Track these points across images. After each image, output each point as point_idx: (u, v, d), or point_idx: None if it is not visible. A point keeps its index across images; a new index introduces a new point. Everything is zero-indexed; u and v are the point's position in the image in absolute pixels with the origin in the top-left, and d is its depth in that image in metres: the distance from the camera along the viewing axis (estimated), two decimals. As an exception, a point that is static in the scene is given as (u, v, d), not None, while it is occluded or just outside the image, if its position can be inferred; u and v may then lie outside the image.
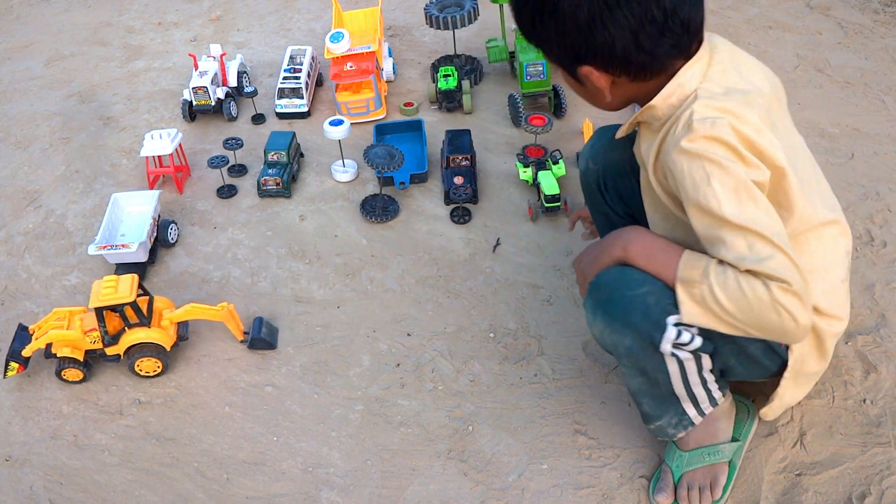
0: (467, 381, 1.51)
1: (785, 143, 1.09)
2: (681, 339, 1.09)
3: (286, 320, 1.67)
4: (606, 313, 1.13)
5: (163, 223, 1.86)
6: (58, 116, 2.39)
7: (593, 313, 1.15)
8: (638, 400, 1.26)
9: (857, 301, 1.57)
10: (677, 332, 1.08)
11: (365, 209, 1.91)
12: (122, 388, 1.55)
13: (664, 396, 1.22)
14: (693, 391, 1.21)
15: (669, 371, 1.16)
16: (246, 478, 1.38)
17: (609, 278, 1.14)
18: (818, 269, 1.16)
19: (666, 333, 1.08)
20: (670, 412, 1.24)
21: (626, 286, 1.11)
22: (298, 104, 2.25)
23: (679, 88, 1.07)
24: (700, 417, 1.25)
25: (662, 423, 1.26)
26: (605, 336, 1.15)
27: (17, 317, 1.72)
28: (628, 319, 1.10)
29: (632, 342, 1.12)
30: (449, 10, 2.22)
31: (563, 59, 1.11)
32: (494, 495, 1.32)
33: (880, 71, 2.27)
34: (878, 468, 1.29)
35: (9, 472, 1.42)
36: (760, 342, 1.16)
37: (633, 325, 1.10)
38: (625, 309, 1.10)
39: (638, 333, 1.10)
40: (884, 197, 1.82)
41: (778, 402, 1.25)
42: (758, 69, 1.16)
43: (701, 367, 1.17)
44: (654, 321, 1.08)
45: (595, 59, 1.07)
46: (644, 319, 1.09)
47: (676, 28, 1.03)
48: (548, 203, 1.82)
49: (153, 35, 2.82)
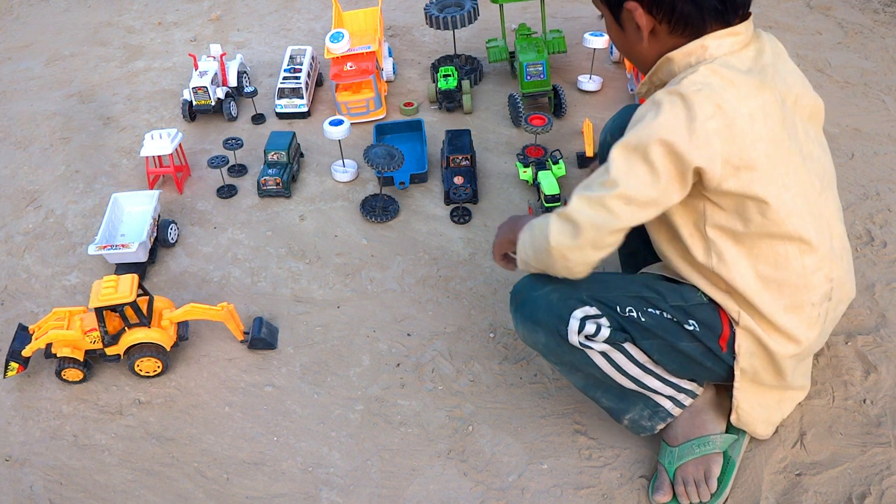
0: (467, 381, 1.51)
1: (793, 148, 1.09)
2: (586, 331, 1.15)
3: (286, 320, 1.67)
4: (521, 314, 1.22)
5: (163, 223, 1.86)
6: (58, 116, 2.39)
7: (514, 318, 1.25)
8: (593, 397, 1.29)
9: (857, 301, 1.57)
10: (580, 324, 1.15)
11: (365, 209, 1.91)
12: (122, 388, 1.55)
13: (619, 389, 1.23)
14: (647, 384, 1.21)
15: (598, 364, 1.19)
16: (246, 478, 1.38)
17: (521, 284, 1.24)
18: (789, 285, 1.14)
19: (569, 326, 1.15)
20: (638, 404, 1.25)
21: (533, 288, 1.22)
22: (298, 104, 2.25)
23: (701, 50, 1.08)
24: (678, 409, 1.25)
25: (633, 416, 1.27)
26: (526, 336, 1.24)
27: (17, 317, 1.72)
28: (536, 317, 1.19)
29: (546, 338, 1.19)
30: (449, 10, 2.22)
31: None
32: (494, 495, 1.32)
33: (880, 71, 2.27)
34: (878, 468, 1.29)
35: (9, 472, 1.42)
36: (692, 340, 1.17)
37: (540, 321, 1.19)
38: (533, 308, 1.20)
39: (546, 328, 1.18)
40: (884, 197, 1.82)
41: (739, 411, 1.24)
42: (798, 75, 1.16)
43: (633, 358, 1.19)
44: (556, 315, 1.17)
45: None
46: (548, 315, 1.18)
47: None
48: (548, 203, 1.82)
49: (153, 35, 2.82)
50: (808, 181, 1.13)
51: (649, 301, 1.17)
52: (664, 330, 1.17)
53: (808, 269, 1.13)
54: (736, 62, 1.06)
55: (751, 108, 1.04)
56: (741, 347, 1.18)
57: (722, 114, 1.01)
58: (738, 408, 1.24)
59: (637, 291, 1.19)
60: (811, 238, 1.12)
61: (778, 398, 1.27)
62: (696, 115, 1.01)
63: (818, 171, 1.18)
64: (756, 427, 1.27)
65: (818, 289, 1.16)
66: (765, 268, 1.13)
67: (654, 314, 1.17)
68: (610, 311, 1.16)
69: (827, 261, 1.15)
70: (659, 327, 1.17)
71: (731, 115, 1.02)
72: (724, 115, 1.02)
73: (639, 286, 1.20)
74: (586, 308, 1.16)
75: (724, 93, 1.02)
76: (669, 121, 1.02)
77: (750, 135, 1.04)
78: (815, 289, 1.15)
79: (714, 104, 1.01)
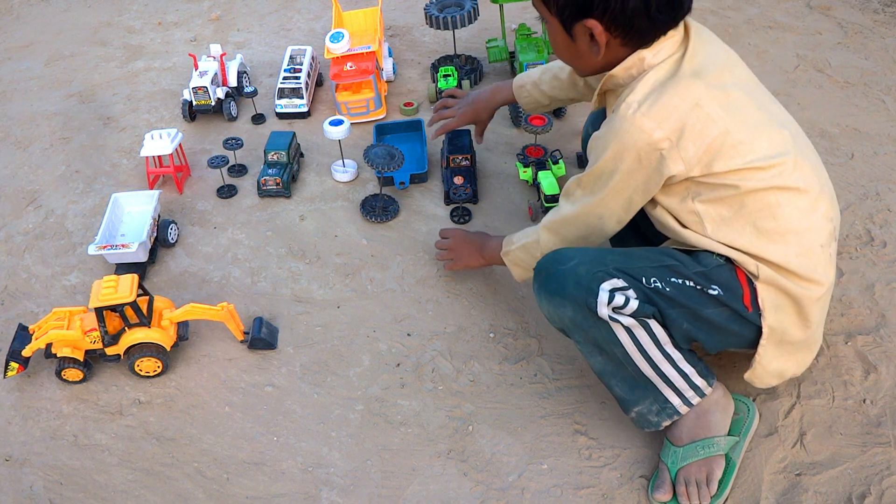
0: (467, 381, 1.51)
1: (739, 103, 1.15)
2: (615, 303, 1.15)
3: (286, 320, 1.67)
4: (547, 290, 1.23)
5: (163, 223, 1.86)
6: (58, 116, 2.39)
7: (538, 294, 1.26)
8: (607, 383, 1.28)
9: (857, 301, 1.57)
10: (609, 296, 1.15)
11: (365, 209, 1.91)
12: (122, 388, 1.56)
13: (633, 377, 1.23)
14: (663, 370, 1.21)
15: (622, 342, 1.19)
16: (246, 478, 1.38)
17: (545, 261, 1.26)
18: (791, 231, 1.17)
19: (599, 297, 1.16)
20: (648, 397, 1.25)
21: (558, 262, 1.23)
22: (298, 104, 2.25)
23: (639, 62, 1.16)
24: (686, 407, 1.25)
25: (642, 409, 1.27)
26: (552, 311, 1.25)
27: (17, 317, 1.72)
28: (564, 291, 1.20)
29: (573, 311, 1.20)
30: (449, 10, 2.21)
31: (568, 10, 1.15)
32: (494, 495, 1.32)
33: (880, 71, 2.27)
34: (878, 468, 1.29)
35: (9, 472, 1.42)
36: (717, 305, 1.19)
37: (568, 295, 1.19)
38: (560, 282, 1.21)
39: (575, 302, 1.19)
40: (884, 197, 1.82)
41: (760, 366, 1.25)
42: (725, 51, 1.23)
43: (656, 339, 1.19)
44: (585, 287, 1.17)
45: (604, 14, 1.12)
46: (577, 288, 1.18)
47: (679, 2, 1.12)
48: (548, 203, 1.82)
49: (153, 35, 2.82)
50: (777, 135, 1.18)
51: (672, 269, 1.19)
52: (689, 298, 1.18)
53: (805, 211, 1.18)
54: (664, 70, 1.15)
55: (693, 99, 1.11)
56: (765, 302, 1.19)
57: (668, 123, 1.11)
58: (758, 363, 1.25)
59: (659, 261, 1.20)
60: (797, 184, 1.17)
61: (797, 361, 1.29)
62: (650, 136, 1.12)
63: (783, 119, 1.24)
64: (768, 380, 1.28)
65: (822, 230, 1.20)
66: (763, 222, 1.17)
67: (677, 283, 1.18)
68: (636, 282, 1.17)
69: (821, 200, 1.20)
70: (683, 296, 1.18)
71: (677, 118, 1.11)
72: (671, 123, 1.11)
73: (660, 255, 1.21)
74: (614, 280, 1.17)
75: (666, 99, 1.11)
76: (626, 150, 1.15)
77: (699, 124, 1.11)
78: (818, 230, 1.20)
79: (657, 118, 1.11)
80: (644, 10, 1.10)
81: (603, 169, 1.20)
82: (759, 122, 1.17)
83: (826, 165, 1.91)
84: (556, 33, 1.22)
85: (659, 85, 1.13)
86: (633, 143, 1.14)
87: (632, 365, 1.22)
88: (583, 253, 1.22)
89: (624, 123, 1.13)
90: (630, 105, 1.13)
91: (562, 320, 1.24)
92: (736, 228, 1.18)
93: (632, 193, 1.21)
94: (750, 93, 1.20)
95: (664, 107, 1.11)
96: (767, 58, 2.36)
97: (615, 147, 1.16)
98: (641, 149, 1.14)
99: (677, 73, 1.14)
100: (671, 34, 1.16)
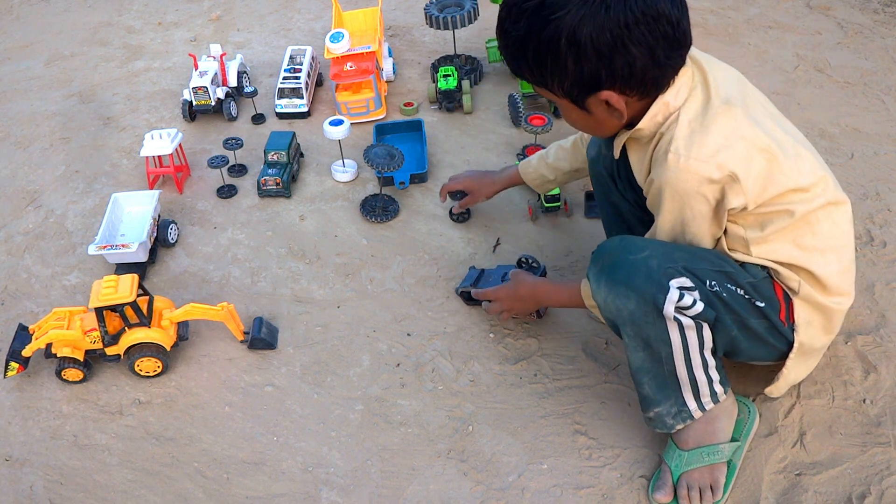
0: (467, 381, 1.51)
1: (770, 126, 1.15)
2: (683, 302, 1.12)
3: (286, 320, 1.67)
4: (610, 278, 1.17)
5: (163, 223, 1.86)
6: (58, 116, 2.39)
7: (597, 280, 1.19)
8: (639, 380, 1.25)
9: (857, 301, 1.57)
10: (679, 294, 1.12)
11: (365, 209, 1.91)
12: (122, 388, 1.55)
13: (666, 377, 1.22)
14: (695, 374, 1.21)
15: (672, 341, 1.17)
16: (246, 478, 1.38)
17: (612, 245, 1.20)
18: (832, 249, 1.19)
19: (669, 294, 1.12)
20: (671, 399, 1.24)
21: (628, 251, 1.16)
22: (298, 104, 2.25)
23: (664, 107, 1.14)
24: (700, 412, 1.25)
25: (661, 411, 1.26)
26: (610, 301, 1.18)
27: (17, 317, 1.72)
28: (632, 282, 1.14)
29: (636, 306, 1.15)
30: (449, 10, 2.22)
31: (576, 90, 1.13)
32: (494, 495, 1.32)
33: (880, 71, 2.27)
34: (878, 468, 1.29)
35: (9, 472, 1.42)
36: (760, 317, 1.19)
37: (636, 287, 1.14)
38: (628, 272, 1.15)
39: (641, 296, 1.14)
40: (884, 197, 1.82)
41: (783, 380, 1.27)
42: (732, 75, 1.21)
43: (702, 342, 1.18)
44: (656, 282, 1.13)
45: (615, 83, 1.09)
46: (647, 281, 1.13)
47: (682, 39, 1.09)
48: (548, 203, 1.82)
49: (153, 35, 2.82)
50: (806, 153, 1.19)
51: (729, 276, 1.18)
52: (741, 306, 1.18)
53: (841, 224, 1.20)
54: (695, 106, 1.13)
55: (737, 132, 1.10)
56: (800, 318, 1.20)
57: (722, 161, 1.09)
58: (783, 377, 1.26)
59: (720, 266, 1.18)
60: (837, 198, 1.19)
61: (809, 367, 1.31)
62: (710, 177, 1.10)
63: (797, 133, 1.24)
64: (784, 390, 1.30)
65: (853, 243, 1.23)
66: (803, 239, 1.17)
67: (731, 290, 1.17)
68: (701, 283, 1.15)
69: (849, 211, 1.22)
70: (736, 304, 1.17)
71: (729, 154, 1.09)
72: (724, 160, 1.09)
73: (719, 259, 1.19)
74: (682, 279, 1.14)
75: (712, 138, 1.09)
76: (690, 197, 1.13)
77: (750, 155, 1.10)
78: (852, 244, 1.23)
79: (709, 159, 1.09)
80: (652, 63, 1.07)
81: (674, 221, 1.17)
82: (790, 142, 1.17)
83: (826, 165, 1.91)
84: (569, 111, 1.19)
85: (697, 124, 1.10)
86: (695, 189, 1.11)
87: (670, 365, 1.20)
88: (653, 245, 1.17)
89: (679, 174, 1.10)
90: (678, 154, 1.09)
91: (619, 311, 1.18)
92: (777, 247, 1.18)
93: (710, 228, 1.17)
94: (772, 114, 1.20)
95: (713, 146, 1.09)
96: (767, 58, 2.36)
97: (678, 197, 1.13)
98: (705, 191, 1.11)
99: (709, 105, 1.11)
100: (683, 71, 1.14)
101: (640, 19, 1.03)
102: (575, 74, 1.09)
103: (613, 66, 1.07)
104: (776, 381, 1.28)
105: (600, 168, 1.50)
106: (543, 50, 1.08)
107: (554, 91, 1.15)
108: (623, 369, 1.49)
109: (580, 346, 1.54)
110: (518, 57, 1.13)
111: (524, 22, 1.08)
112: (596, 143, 1.49)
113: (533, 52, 1.10)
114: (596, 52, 1.06)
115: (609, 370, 1.49)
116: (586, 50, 1.06)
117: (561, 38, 1.06)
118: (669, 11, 1.05)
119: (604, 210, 1.57)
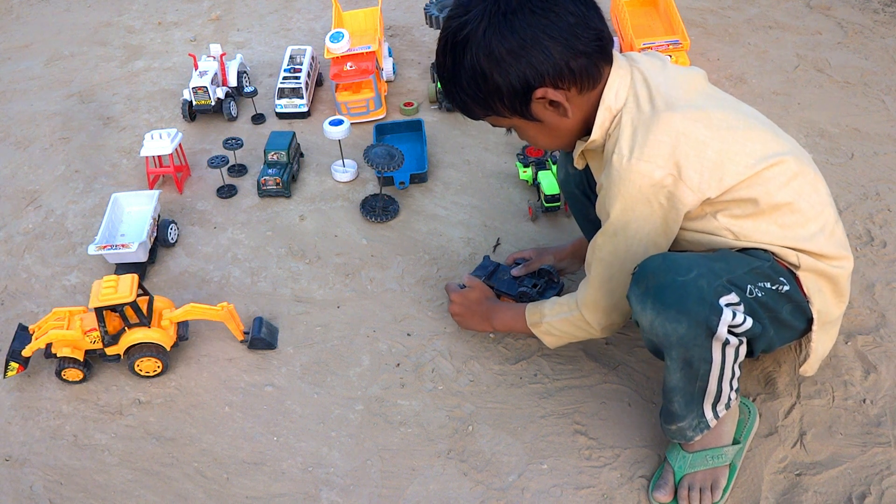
0: (467, 381, 1.51)
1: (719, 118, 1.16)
2: (735, 321, 1.10)
3: (286, 320, 1.67)
4: (661, 301, 1.10)
5: (163, 223, 1.86)
6: (58, 116, 2.39)
7: (642, 303, 1.12)
8: (670, 398, 1.22)
9: (857, 301, 1.57)
10: (732, 314, 1.09)
11: (365, 209, 1.91)
12: (122, 388, 1.55)
13: (695, 393, 1.19)
14: (723, 386, 1.19)
15: (714, 359, 1.14)
16: (246, 478, 1.38)
17: (655, 265, 1.13)
18: (810, 220, 1.19)
19: (723, 316, 1.08)
20: (693, 412, 1.22)
21: (675, 271, 1.10)
22: (298, 104, 2.25)
23: (608, 113, 1.16)
24: (715, 420, 1.24)
25: (684, 425, 1.24)
26: (657, 325, 1.11)
27: (17, 317, 1.72)
28: (684, 305, 1.08)
29: (688, 329, 1.09)
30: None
31: (516, 101, 1.16)
32: (494, 495, 1.32)
33: (880, 71, 2.27)
34: (878, 468, 1.29)
35: (9, 472, 1.42)
36: (787, 302, 1.19)
37: (689, 311, 1.08)
38: (680, 295, 1.08)
39: (695, 320, 1.08)
40: (884, 197, 1.82)
41: (814, 356, 1.27)
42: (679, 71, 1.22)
43: (738, 355, 1.17)
44: (709, 304, 1.08)
45: (543, 78, 1.12)
46: (700, 304, 1.08)
47: (593, 24, 1.12)
48: (548, 203, 1.82)
49: (153, 35, 2.82)
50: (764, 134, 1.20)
51: (758, 272, 1.16)
52: (774, 302, 1.17)
53: (822, 191, 1.22)
54: (636, 106, 1.15)
55: (677, 130, 1.11)
56: (810, 289, 1.20)
57: (663, 159, 1.11)
58: (814, 353, 1.26)
59: (748, 264, 1.16)
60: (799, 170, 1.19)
61: (832, 338, 1.31)
62: (651, 177, 1.12)
63: (756, 114, 1.25)
64: (816, 366, 1.30)
65: (830, 206, 1.23)
66: (783, 218, 1.18)
67: (763, 287, 1.15)
68: (742, 293, 1.12)
69: (818, 181, 1.23)
70: (770, 300, 1.16)
71: (669, 152, 1.11)
72: (665, 158, 1.11)
73: (742, 256, 1.18)
74: (730, 295, 1.10)
75: (653, 137, 1.11)
76: (632, 197, 1.15)
77: (692, 151, 1.11)
78: (829, 208, 1.22)
79: (651, 158, 1.11)
80: (571, 52, 1.10)
81: (616, 223, 1.18)
82: (744, 126, 1.17)
83: (826, 165, 1.93)
84: (524, 128, 1.22)
85: (641, 125, 1.12)
86: (637, 189, 1.12)
87: (704, 381, 1.17)
88: (696, 262, 1.11)
89: (622, 173, 1.12)
90: (621, 154, 1.12)
91: (667, 336, 1.11)
92: (763, 229, 1.18)
93: (655, 237, 1.18)
94: (722, 103, 1.21)
95: (654, 145, 1.11)
96: (767, 58, 2.36)
97: (622, 199, 1.15)
98: (647, 192, 1.12)
99: (653, 110, 1.13)
100: (615, 69, 1.17)
101: (538, 13, 1.08)
102: (507, 86, 1.13)
103: (533, 62, 1.10)
104: (808, 360, 1.26)
105: (572, 188, 1.53)
106: (471, 76, 1.14)
107: (502, 113, 1.18)
108: (623, 369, 1.49)
109: (580, 346, 1.54)
110: (458, 92, 1.18)
111: (448, 59, 1.15)
112: (563, 165, 1.52)
113: (466, 81, 1.15)
114: (513, 56, 1.10)
115: (609, 370, 1.49)
116: (504, 58, 1.11)
117: (480, 57, 1.11)
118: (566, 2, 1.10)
119: (584, 229, 1.60)
